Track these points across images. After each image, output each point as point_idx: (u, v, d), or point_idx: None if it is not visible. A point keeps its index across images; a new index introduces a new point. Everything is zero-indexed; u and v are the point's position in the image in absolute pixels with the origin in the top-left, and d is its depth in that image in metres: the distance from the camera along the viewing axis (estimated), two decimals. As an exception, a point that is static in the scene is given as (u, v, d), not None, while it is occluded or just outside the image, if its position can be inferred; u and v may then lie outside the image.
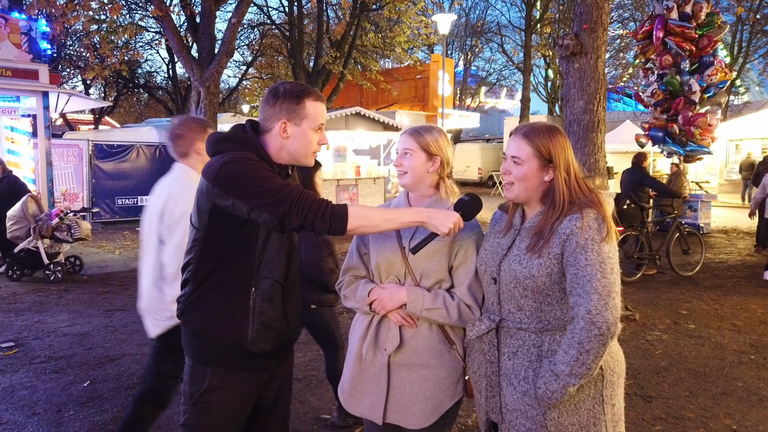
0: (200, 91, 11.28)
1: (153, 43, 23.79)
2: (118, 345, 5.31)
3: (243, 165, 1.82)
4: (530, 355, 1.84)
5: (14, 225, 7.86)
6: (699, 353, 5.17)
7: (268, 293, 1.95)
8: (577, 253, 1.75)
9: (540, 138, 1.88)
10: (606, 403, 1.83)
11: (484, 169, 29.04)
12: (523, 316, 1.86)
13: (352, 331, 2.28)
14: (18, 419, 3.81)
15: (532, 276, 1.81)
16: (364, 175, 13.44)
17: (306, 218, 1.78)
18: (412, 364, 2.09)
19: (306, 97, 1.95)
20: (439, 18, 16.42)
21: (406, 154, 2.14)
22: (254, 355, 1.96)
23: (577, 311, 1.73)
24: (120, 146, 14.25)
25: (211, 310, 1.94)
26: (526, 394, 1.84)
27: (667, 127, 10.01)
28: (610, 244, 1.78)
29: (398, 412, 2.09)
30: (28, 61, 9.24)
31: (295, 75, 19.35)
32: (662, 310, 6.51)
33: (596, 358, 1.71)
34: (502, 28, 32.95)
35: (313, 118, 1.97)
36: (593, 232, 1.76)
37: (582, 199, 1.84)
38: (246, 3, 11.77)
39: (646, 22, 10.05)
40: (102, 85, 26.91)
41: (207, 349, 1.96)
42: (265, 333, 1.96)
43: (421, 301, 2.02)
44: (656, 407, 4.04)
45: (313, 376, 4.54)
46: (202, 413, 1.96)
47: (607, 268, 1.74)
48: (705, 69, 9.76)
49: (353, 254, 2.26)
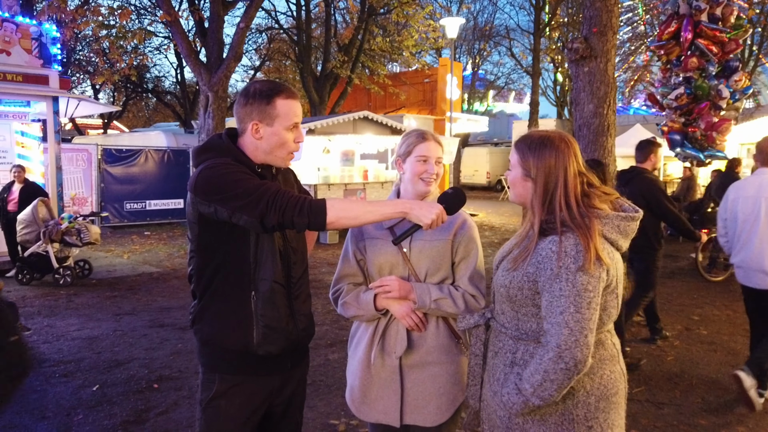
0: (209, 95, 11.32)
1: (162, 48, 23.97)
2: (126, 349, 5.31)
3: (218, 170, 1.82)
4: (506, 359, 1.85)
5: (24, 229, 7.91)
6: (711, 359, 5.10)
7: (268, 295, 1.93)
8: (551, 280, 1.70)
9: (524, 149, 1.85)
10: (578, 423, 1.76)
11: (492, 173, 28.96)
12: (505, 320, 1.87)
13: (354, 339, 2.27)
14: (27, 423, 3.81)
15: (505, 285, 1.82)
16: (371, 180, 13.42)
17: (284, 215, 1.76)
18: (423, 364, 2.11)
19: (276, 96, 1.92)
20: (447, 22, 16.41)
21: (439, 163, 2.19)
22: (263, 358, 1.95)
23: (548, 339, 1.70)
24: (128, 151, 14.34)
25: (216, 317, 1.94)
26: (496, 394, 1.86)
27: (687, 131, 9.86)
28: (587, 273, 1.67)
29: (414, 412, 2.11)
30: (39, 66, 9.28)
31: (302, 79, 19.39)
32: (674, 316, 6.44)
33: (560, 388, 1.69)
34: (511, 31, 32.91)
35: (285, 117, 1.92)
36: (569, 260, 1.68)
37: (561, 220, 1.75)
38: (254, 8, 11.82)
39: (672, 22, 9.78)
40: (111, 90, 27.12)
41: (215, 356, 1.96)
42: (270, 335, 1.94)
43: (428, 294, 2.06)
44: (668, 414, 3.99)
45: (321, 381, 4.52)
46: (212, 419, 1.96)
47: (582, 302, 1.66)
48: (731, 74, 9.61)
49: (350, 260, 2.24)
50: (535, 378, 1.70)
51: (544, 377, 1.69)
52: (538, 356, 1.72)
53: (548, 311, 1.71)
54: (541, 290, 1.74)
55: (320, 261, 9.86)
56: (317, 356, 5.04)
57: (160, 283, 8.30)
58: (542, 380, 1.69)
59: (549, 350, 1.69)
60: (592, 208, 1.78)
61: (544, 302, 1.73)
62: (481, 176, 29.21)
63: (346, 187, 12.65)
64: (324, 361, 4.95)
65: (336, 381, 4.49)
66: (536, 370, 1.71)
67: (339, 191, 12.36)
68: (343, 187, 12.55)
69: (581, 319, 1.66)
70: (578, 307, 1.66)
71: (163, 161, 14.72)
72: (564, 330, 1.66)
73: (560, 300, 1.68)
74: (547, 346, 1.70)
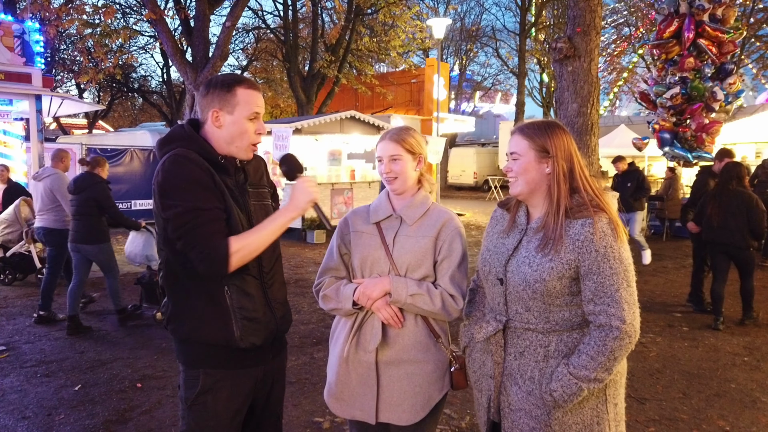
0: (195, 94, 11.28)
1: (147, 47, 23.79)
2: (109, 349, 5.27)
3: (173, 172, 1.83)
4: (537, 355, 1.83)
5: (6, 229, 7.82)
6: (693, 355, 5.17)
7: (242, 287, 1.92)
8: (599, 261, 1.73)
9: (535, 131, 1.87)
10: (609, 402, 1.83)
11: (479, 173, 29.06)
12: (530, 317, 1.84)
13: (334, 335, 2.26)
14: (8, 423, 3.77)
15: (543, 280, 1.78)
16: (359, 179, 13.45)
17: (190, 252, 1.81)
18: (400, 361, 2.09)
19: (237, 86, 1.91)
20: (433, 22, 16.45)
21: (395, 161, 2.13)
22: (246, 351, 1.94)
23: (606, 320, 1.72)
24: (114, 150, 14.21)
25: (193, 314, 1.92)
26: (531, 393, 1.83)
27: (678, 130, 9.94)
28: (627, 249, 1.78)
29: (389, 410, 2.09)
30: (21, 64, 9.20)
31: (290, 79, 19.36)
32: (656, 313, 6.51)
33: (618, 363, 1.75)
34: (497, 32, 33.18)
35: (246, 106, 1.91)
36: (610, 238, 1.74)
37: (589, 201, 1.80)
38: (240, 7, 11.79)
39: (673, 21, 9.75)
40: (96, 89, 26.86)
41: (197, 352, 1.94)
42: (251, 327, 1.93)
43: (405, 288, 2.03)
44: (650, 409, 4.03)
45: (306, 379, 4.51)
46: (199, 416, 1.94)
47: (630, 277, 1.75)
48: (726, 76, 9.66)
49: (333, 255, 2.24)
50: (597, 360, 1.71)
51: (609, 357, 1.71)
52: (596, 338, 1.73)
53: (599, 292, 1.73)
54: (585, 274, 1.76)
55: (306, 260, 9.84)
56: (303, 354, 5.04)
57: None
58: (606, 360, 1.71)
59: (612, 329, 1.71)
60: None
61: (590, 285, 1.75)
62: (468, 176, 29.28)
63: (333, 186, 12.65)
64: (309, 359, 4.95)
65: (321, 379, 4.48)
66: (599, 352, 1.72)
67: (326, 191, 12.35)
68: (330, 186, 12.55)
69: (633, 293, 1.75)
70: (629, 282, 1.75)
71: (149, 161, 14.60)
72: (624, 306, 1.72)
73: (613, 278, 1.72)
74: (607, 327, 1.72)
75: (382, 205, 2.21)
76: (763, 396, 4.29)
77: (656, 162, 18.00)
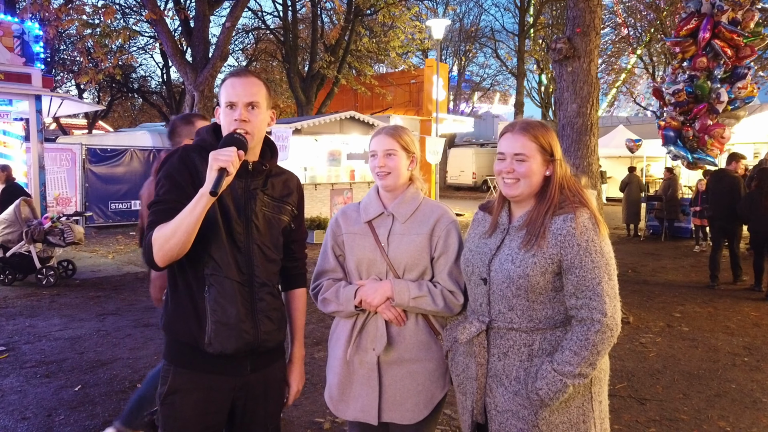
0: (194, 95, 11.28)
1: (147, 48, 23.74)
2: (110, 349, 5.27)
3: (165, 168, 1.90)
4: (521, 354, 1.83)
5: (6, 229, 7.81)
6: (693, 356, 5.17)
7: (221, 291, 1.85)
8: (581, 255, 1.74)
9: (541, 133, 1.87)
10: (594, 399, 1.84)
11: (478, 173, 29.09)
12: (514, 316, 1.84)
13: (333, 336, 2.25)
14: (8, 424, 3.77)
15: (526, 275, 1.78)
16: (358, 180, 13.46)
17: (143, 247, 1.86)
18: (402, 361, 2.09)
19: (226, 79, 1.96)
20: (433, 23, 16.46)
21: (390, 155, 2.12)
22: (216, 357, 1.86)
23: (587, 314, 1.73)
24: (113, 150, 14.21)
25: (174, 308, 1.91)
26: (517, 394, 1.83)
27: (682, 129, 9.89)
28: (607, 243, 1.79)
29: (392, 409, 2.09)
30: (21, 64, 9.18)
31: (289, 79, 19.36)
32: (656, 313, 6.52)
33: (601, 358, 1.77)
34: (496, 33, 33.18)
35: (224, 97, 1.91)
36: (591, 233, 1.76)
37: (570, 197, 1.83)
38: (240, 7, 11.79)
39: (692, 19, 9.68)
40: (96, 90, 26.83)
41: (170, 346, 1.93)
42: (223, 332, 1.84)
43: (407, 291, 2.03)
44: (650, 409, 4.04)
45: (306, 379, 4.48)
46: (168, 416, 1.89)
47: (611, 270, 1.77)
48: (737, 80, 9.60)
49: (328, 256, 2.23)
50: (581, 355, 1.72)
51: (592, 351, 1.72)
52: (578, 333, 1.74)
53: (580, 286, 1.74)
54: (567, 268, 1.77)
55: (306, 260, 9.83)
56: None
57: (145, 283, 8.23)
58: (590, 355, 1.72)
59: (593, 323, 1.72)
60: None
61: (572, 279, 1.76)
62: (467, 176, 29.31)
63: (333, 186, 12.66)
64: (309, 359, 4.95)
65: (321, 380, 4.48)
66: (582, 347, 1.73)
67: (326, 191, 12.36)
68: (329, 186, 12.56)
69: (614, 286, 1.76)
70: (610, 275, 1.76)
71: (149, 161, 14.59)
72: (606, 299, 1.73)
73: (594, 272, 1.74)
74: (589, 320, 1.73)
75: (372, 203, 2.19)
76: (763, 396, 4.29)
77: (654, 162, 18.04)
